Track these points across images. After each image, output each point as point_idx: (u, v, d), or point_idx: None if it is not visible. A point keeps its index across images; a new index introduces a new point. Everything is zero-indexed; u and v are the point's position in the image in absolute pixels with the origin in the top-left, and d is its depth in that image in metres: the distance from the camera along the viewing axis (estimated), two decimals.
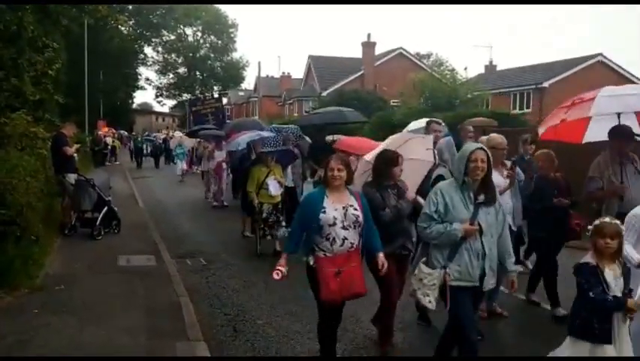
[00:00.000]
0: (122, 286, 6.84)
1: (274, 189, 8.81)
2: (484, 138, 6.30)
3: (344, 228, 4.27)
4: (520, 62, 77.99)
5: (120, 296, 6.44)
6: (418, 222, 4.34)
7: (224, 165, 14.96)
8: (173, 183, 21.42)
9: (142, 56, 63.22)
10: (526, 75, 33.20)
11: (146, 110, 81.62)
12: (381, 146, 5.87)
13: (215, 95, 22.36)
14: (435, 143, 6.41)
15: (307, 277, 4.48)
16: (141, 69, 64.03)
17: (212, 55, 69.50)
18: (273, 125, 14.10)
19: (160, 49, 68.01)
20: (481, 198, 4.14)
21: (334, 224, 4.24)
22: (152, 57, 67.51)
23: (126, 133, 47.19)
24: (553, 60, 33.68)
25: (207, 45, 69.57)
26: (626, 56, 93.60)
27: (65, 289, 6.62)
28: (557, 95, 28.45)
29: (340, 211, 4.28)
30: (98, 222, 9.56)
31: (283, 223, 8.84)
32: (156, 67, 68.86)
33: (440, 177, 5.29)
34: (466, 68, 67.78)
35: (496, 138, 6.03)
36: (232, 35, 69.04)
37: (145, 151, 32.76)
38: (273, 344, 5.28)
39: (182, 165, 23.19)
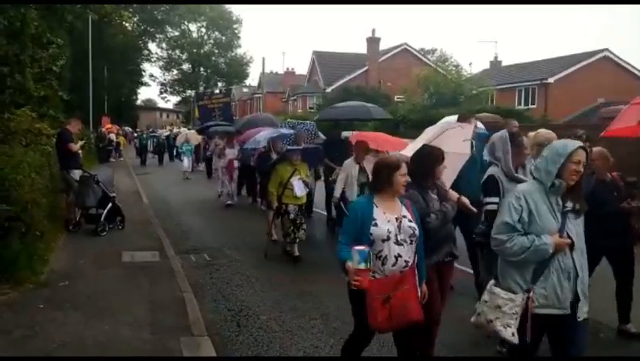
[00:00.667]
0: (126, 282, 6.86)
1: (299, 189, 8.28)
2: (531, 133, 5.71)
3: (398, 243, 3.71)
4: (525, 57, 77.57)
5: (124, 292, 6.46)
6: (492, 233, 3.62)
7: (235, 163, 14.36)
8: (177, 181, 21.05)
9: (146, 52, 63.40)
10: (531, 71, 33.05)
11: (150, 106, 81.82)
12: (419, 140, 5.39)
13: (224, 90, 21.85)
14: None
15: (349, 299, 3.97)
16: (145, 65, 64.26)
17: (216, 51, 69.55)
18: (288, 121, 13.47)
19: (164, 45, 68.17)
20: (571, 205, 3.53)
21: (388, 239, 3.68)
22: (157, 53, 67.75)
23: (130, 129, 47.23)
24: (558, 56, 33.53)
25: (211, 41, 69.62)
26: (632, 51, 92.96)
27: (70, 284, 6.65)
28: (562, 90, 28.42)
29: (394, 224, 3.74)
30: (102, 219, 9.59)
31: (305, 225, 8.52)
32: (160, 63, 69.07)
33: (491, 180, 4.71)
34: (470, 64, 67.75)
35: (545, 134, 5.48)
36: (236, 31, 69.12)
37: (150, 147, 32.23)
38: (277, 339, 5.29)
39: (188, 162, 22.62)
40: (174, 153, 29.94)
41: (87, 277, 7.00)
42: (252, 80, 67.11)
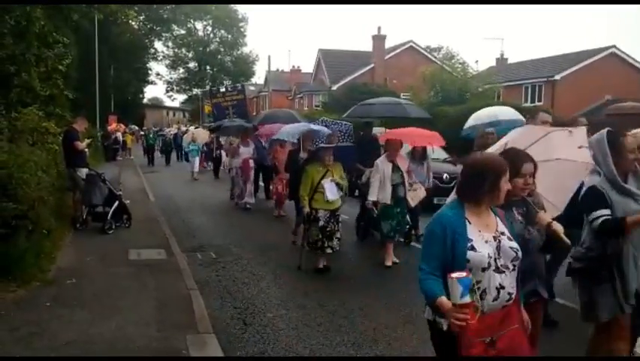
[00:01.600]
0: (132, 280, 6.88)
1: (331, 193, 7.36)
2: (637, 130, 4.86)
3: (499, 270, 2.82)
4: (531, 54, 77.47)
5: (131, 289, 6.47)
6: None
7: (251, 163, 13.47)
8: (185, 181, 20.38)
9: (152, 50, 63.57)
10: (537, 68, 32.91)
11: (156, 104, 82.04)
12: (505, 140, 4.45)
13: (238, 87, 20.12)
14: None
15: (434, 346, 3.00)
16: (152, 64, 64.46)
17: (222, 49, 69.65)
18: (322, 119, 12.21)
19: (170, 43, 68.30)
20: None
21: (488, 266, 2.79)
22: (163, 52, 67.92)
23: (137, 128, 47.29)
24: (565, 52, 33.38)
25: (217, 39, 69.73)
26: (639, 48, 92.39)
27: (76, 282, 6.68)
28: (569, 87, 28.29)
29: (492, 245, 2.85)
30: (109, 217, 9.62)
31: (339, 234, 7.65)
32: (167, 62, 69.23)
33: (594, 190, 3.85)
34: (477, 61, 67.53)
35: None
36: (242, 29, 69.20)
37: (157, 147, 31.38)
38: (283, 337, 5.28)
39: (195, 162, 21.51)
40: (182, 153, 28.55)
41: (94, 275, 7.03)
42: (258, 78, 67.29)
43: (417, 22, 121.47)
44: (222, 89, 20.31)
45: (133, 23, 38.77)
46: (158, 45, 66.24)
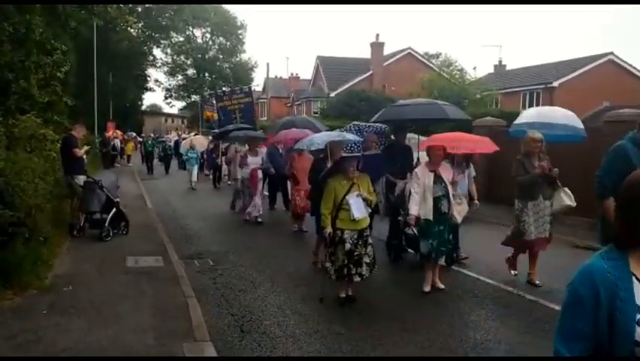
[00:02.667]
0: (129, 287, 6.87)
1: (358, 210, 6.25)
2: None
3: None
4: (529, 61, 77.56)
5: (128, 297, 6.46)
6: None
7: (259, 174, 12.48)
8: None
9: (151, 57, 63.57)
10: (535, 74, 33.01)
11: (155, 111, 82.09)
12: None
13: (245, 89, 18.83)
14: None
15: None
16: (150, 71, 64.48)
17: (220, 56, 69.73)
18: (354, 124, 10.63)
19: (169, 50, 68.32)
20: None
21: None
22: (161, 59, 67.90)
23: (134, 134, 47.23)
24: (563, 59, 33.49)
25: (216, 47, 69.81)
26: (637, 55, 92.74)
27: (74, 289, 6.66)
28: (567, 94, 28.35)
29: None
30: (106, 224, 9.61)
31: (370, 256, 6.45)
32: (165, 68, 69.20)
33: None
34: (475, 68, 67.72)
35: None
36: (241, 37, 69.30)
37: (157, 154, 30.27)
38: (280, 344, 5.27)
39: (194, 171, 20.05)
40: (181, 161, 26.28)
41: (91, 283, 7.01)
42: (257, 85, 67.13)
43: (415, 29, 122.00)
44: (228, 91, 19.25)
45: (132, 30, 38.85)
46: (157, 52, 66.30)
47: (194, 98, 68.96)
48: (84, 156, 10.54)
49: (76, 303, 6.14)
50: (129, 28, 34.72)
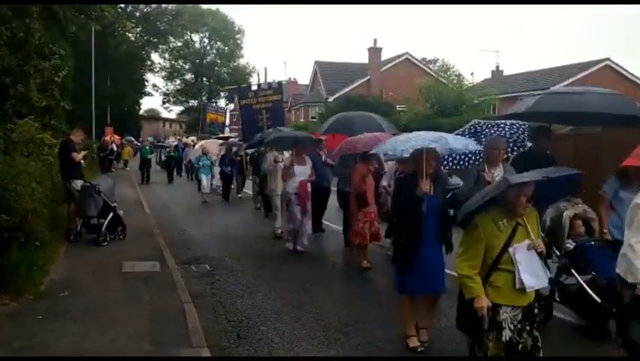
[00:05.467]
0: (126, 293, 6.83)
1: (532, 273, 3.79)
2: None
3: None
4: (527, 66, 77.88)
5: (124, 302, 6.43)
6: None
7: (309, 187, 9.76)
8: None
9: (149, 62, 63.59)
10: (533, 80, 33.11)
11: (153, 116, 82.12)
12: None
13: (274, 84, 15.28)
14: None
15: None
16: (148, 75, 64.43)
17: (218, 61, 70.01)
18: (476, 122, 7.13)
19: (167, 55, 68.59)
20: None
21: None
22: (159, 63, 68.13)
23: (132, 138, 47.08)
24: (560, 65, 33.62)
25: (214, 51, 70.10)
26: (634, 59, 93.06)
27: (70, 295, 6.62)
28: None
29: None
30: (103, 229, 9.58)
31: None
32: (163, 73, 69.45)
33: None
34: (472, 73, 67.82)
35: None
36: (239, 41, 69.59)
37: (157, 160, 28.05)
38: (277, 350, 5.25)
39: (207, 181, 17.27)
40: (191, 169, 23.36)
41: (87, 288, 6.98)
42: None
43: (413, 34, 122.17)
44: (254, 87, 15.61)
45: (130, 35, 38.91)
46: (155, 57, 66.48)
47: (192, 102, 69.15)
48: (82, 161, 10.52)
49: (72, 308, 6.11)
50: (127, 33, 34.79)
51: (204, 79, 70.16)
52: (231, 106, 39.78)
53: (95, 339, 5.22)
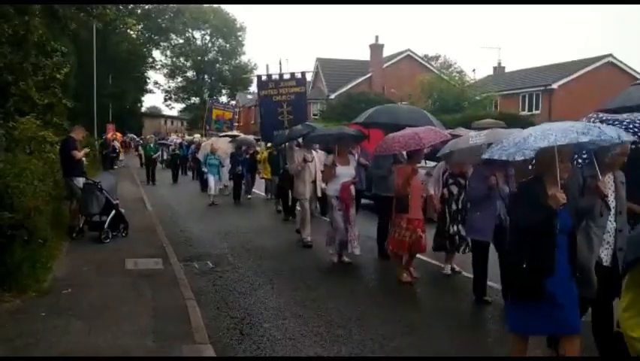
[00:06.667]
0: (129, 290, 6.84)
1: None
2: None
3: None
4: (528, 63, 77.80)
5: (127, 299, 6.43)
6: None
7: (352, 190, 8.61)
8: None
9: (150, 59, 63.72)
10: (534, 77, 33.07)
11: (155, 113, 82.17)
12: None
13: (297, 75, 13.80)
14: None
15: None
16: (150, 73, 64.59)
17: (220, 58, 69.95)
18: (597, 114, 5.30)
19: (168, 52, 68.59)
20: None
21: None
22: (161, 61, 68.17)
23: (134, 136, 47.13)
24: (562, 61, 33.55)
25: (216, 49, 70.03)
26: (637, 56, 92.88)
27: (72, 292, 6.63)
28: (566, 96, 28.41)
29: None
30: (105, 226, 9.59)
31: None
32: (165, 70, 69.46)
33: None
34: (474, 70, 67.85)
35: None
36: (240, 39, 69.50)
37: (161, 158, 27.17)
38: (280, 347, 5.25)
39: (214, 181, 16.29)
40: (200, 169, 19.86)
41: (90, 285, 6.98)
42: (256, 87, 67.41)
43: (414, 31, 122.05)
44: (275, 77, 14.10)
45: (131, 32, 38.90)
46: (157, 54, 66.57)
47: (194, 100, 69.13)
48: (83, 158, 10.53)
49: (75, 306, 6.12)
50: (129, 31, 34.75)
51: (206, 76, 70.14)
52: (233, 102, 39.72)
53: (98, 336, 5.22)
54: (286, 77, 13.60)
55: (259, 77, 13.84)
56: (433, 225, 7.97)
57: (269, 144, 15.29)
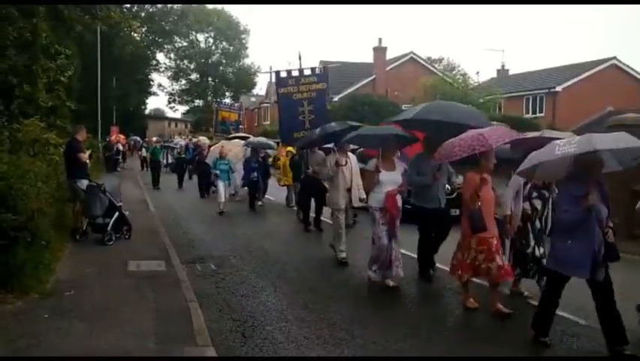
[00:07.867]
0: (131, 292, 6.84)
1: None
2: None
3: None
4: (532, 65, 77.67)
5: (130, 301, 6.44)
6: None
7: (399, 200, 7.55)
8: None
9: (154, 62, 63.87)
10: (538, 79, 33.02)
11: (158, 115, 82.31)
12: None
13: (318, 71, 12.89)
14: None
15: None
16: (154, 75, 64.77)
17: (224, 61, 70.06)
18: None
19: (172, 55, 68.73)
20: None
21: None
22: (165, 63, 68.30)
23: (138, 138, 47.10)
24: (566, 64, 33.49)
25: (219, 51, 70.16)
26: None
27: (75, 294, 6.64)
28: (570, 99, 28.35)
29: None
30: (109, 228, 9.61)
31: None
32: (168, 73, 69.57)
33: None
34: (478, 73, 67.79)
35: None
36: (244, 41, 69.63)
37: (166, 161, 26.72)
38: (282, 350, 5.24)
39: (224, 188, 14.99)
40: (203, 173, 19.06)
41: (93, 287, 6.99)
42: (260, 89, 67.25)
43: (418, 34, 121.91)
44: (295, 73, 12.94)
45: (135, 35, 39.02)
46: (160, 56, 66.69)
47: (198, 102, 69.26)
48: (87, 161, 10.54)
49: (77, 307, 6.13)
50: (133, 33, 34.87)
51: (209, 79, 70.26)
52: (237, 104, 39.66)
53: (100, 337, 5.22)
54: (307, 72, 12.65)
55: (277, 72, 12.97)
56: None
57: (288, 148, 14.61)
